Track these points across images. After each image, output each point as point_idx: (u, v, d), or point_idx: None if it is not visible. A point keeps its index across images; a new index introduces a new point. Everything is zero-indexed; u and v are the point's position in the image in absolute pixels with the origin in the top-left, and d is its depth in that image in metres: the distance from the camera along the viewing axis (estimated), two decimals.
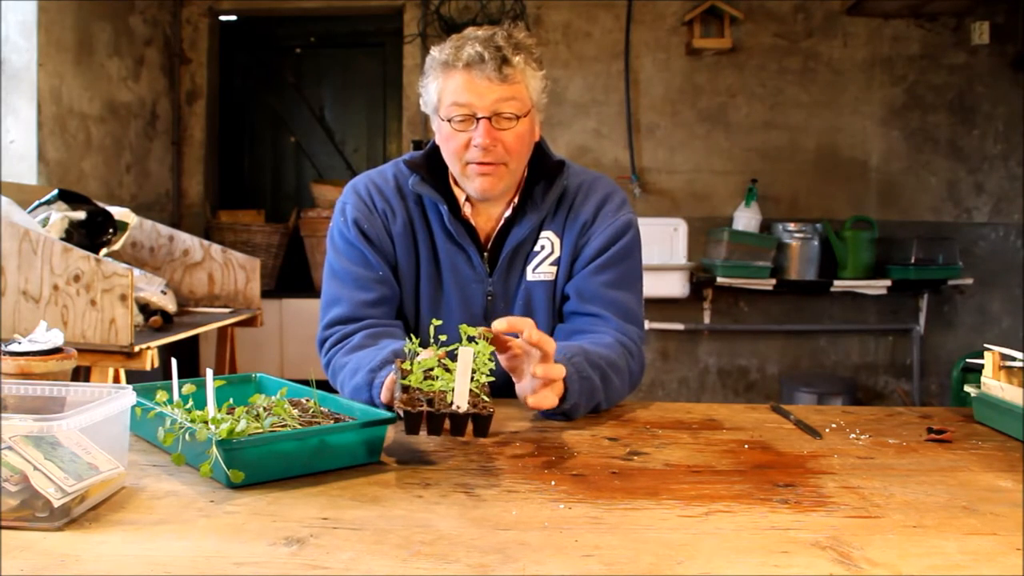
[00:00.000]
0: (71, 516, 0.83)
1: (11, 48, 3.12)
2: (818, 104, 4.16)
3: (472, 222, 1.49)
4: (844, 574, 0.74)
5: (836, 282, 3.93)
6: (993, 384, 1.29)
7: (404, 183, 1.50)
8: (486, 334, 1.12)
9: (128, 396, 0.94)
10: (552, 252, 1.50)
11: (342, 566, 0.74)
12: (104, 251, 2.44)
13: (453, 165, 1.44)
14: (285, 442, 0.97)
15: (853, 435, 1.23)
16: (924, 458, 1.12)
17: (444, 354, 1.13)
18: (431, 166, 1.49)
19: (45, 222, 2.31)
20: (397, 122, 4.49)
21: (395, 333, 1.44)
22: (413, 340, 1.17)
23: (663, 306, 4.07)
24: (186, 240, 2.96)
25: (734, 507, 0.91)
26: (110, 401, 0.90)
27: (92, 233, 2.39)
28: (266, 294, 3.61)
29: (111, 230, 2.46)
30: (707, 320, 4.17)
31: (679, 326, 4.14)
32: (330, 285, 1.50)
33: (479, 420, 1.01)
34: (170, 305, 2.55)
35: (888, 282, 3.93)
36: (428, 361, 1.11)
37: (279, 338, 3.95)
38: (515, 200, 1.49)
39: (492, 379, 1.11)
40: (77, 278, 2.09)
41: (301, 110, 4.67)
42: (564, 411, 1.26)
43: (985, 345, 1.34)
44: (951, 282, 3.96)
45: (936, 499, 0.95)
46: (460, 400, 1.00)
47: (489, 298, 1.49)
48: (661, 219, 4.03)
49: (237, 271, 2.96)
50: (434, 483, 0.98)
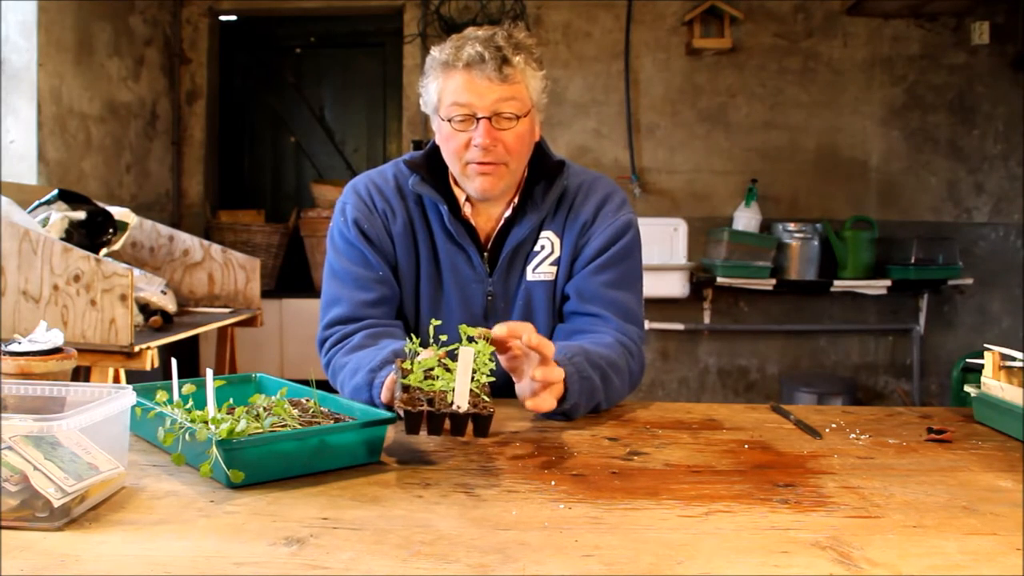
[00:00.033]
0: (71, 516, 0.83)
1: (11, 48, 3.12)
2: (818, 104, 4.16)
3: (472, 222, 1.49)
4: (844, 574, 0.74)
5: (836, 282, 3.93)
6: (993, 384, 1.29)
7: (404, 183, 1.50)
8: (486, 334, 1.12)
9: (128, 396, 0.94)
10: (552, 252, 1.50)
11: (342, 566, 0.74)
12: (104, 251, 2.44)
13: (453, 165, 1.44)
14: (285, 442, 0.97)
15: (853, 435, 1.23)
16: (924, 458, 1.12)
17: (444, 354, 1.13)
18: (431, 166, 1.49)
19: (45, 222, 2.31)
20: (397, 122, 4.49)
21: (395, 333, 1.44)
22: (413, 340, 1.17)
23: (663, 306, 4.07)
24: (186, 240, 2.96)
25: (734, 507, 0.91)
26: (110, 401, 0.90)
27: (92, 233, 2.39)
28: (266, 294, 3.61)
29: (111, 230, 2.46)
30: (707, 320, 4.18)
31: (679, 326, 4.14)
32: (330, 285, 1.50)
33: (479, 420, 1.01)
34: (170, 305, 2.55)
35: (888, 282, 3.93)
36: (429, 361, 1.11)
37: (279, 338, 3.95)
38: (515, 200, 1.49)
39: (493, 379, 1.11)
40: (77, 278, 2.09)
41: (301, 110, 4.67)
42: (564, 411, 1.26)
43: (985, 345, 1.34)
44: (951, 282, 3.96)
45: (936, 499, 0.95)
46: (461, 400, 1.00)
47: (489, 298, 1.49)
48: (661, 219, 4.03)
49: (237, 271, 2.96)
50: (434, 483, 0.98)
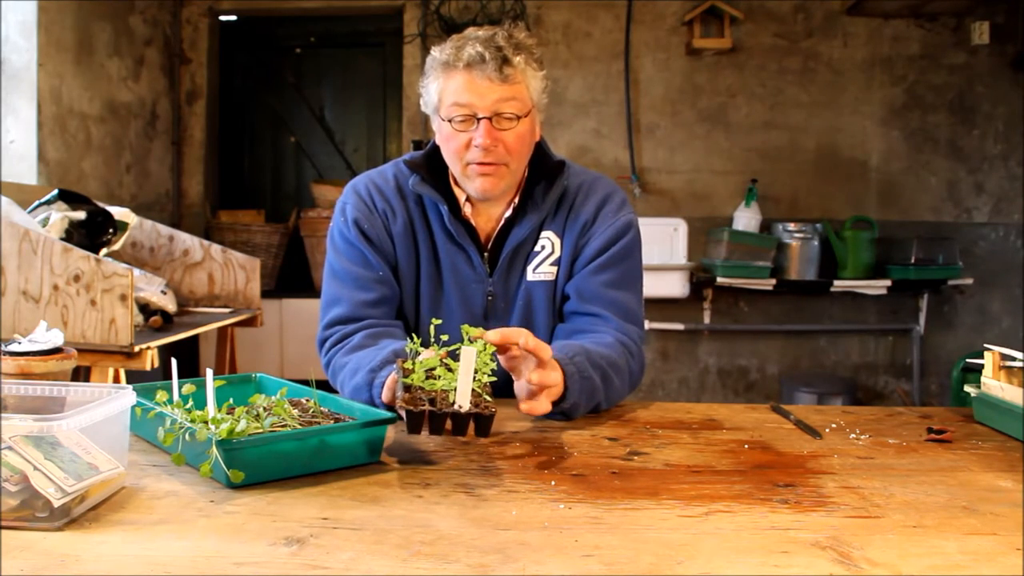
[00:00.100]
0: (71, 516, 0.83)
1: (11, 48, 3.12)
2: (818, 104, 4.16)
3: (472, 222, 1.49)
4: (844, 574, 0.74)
5: (836, 282, 3.93)
6: (993, 384, 1.29)
7: (404, 183, 1.50)
8: (479, 337, 1.12)
9: (128, 396, 0.94)
10: (552, 252, 1.50)
11: (342, 566, 0.74)
12: (104, 251, 2.44)
13: (454, 165, 1.44)
14: (285, 442, 0.97)
15: (853, 435, 1.23)
16: (924, 458, 1.12)
17: (446, 354, 1.13)
18: (431, 166, 1.49)
19: (45, 222, 2.31)
20: (397, 122, 4.49)
21: (395, 333, 1.44)
22: (414, 340, 1.17)
23: (663, 306, 4.07)
24: (186, 240, 2.96)
25: (734, 507, 0.91)
26: (110, 401, 0.90)
27: (92, 233, 2.39)
28: (266, 294, 3.61)
29: (111, 230, 2.46)
30: (707, 320, 4.18)
31: (679, 326, 4.14)
32: (330, 285, 1.50)
33: (481, 420, 1.01)
34: (170, 305, 2.55)
35: (888, 282, 3.93)
36: (430, 360, 1.11)
37: (279, 338, 3.95)
38: (515, 200, 1.49)
39: (494, 379, 1.11)
40: (77, 278, 2.09)
41: (301, 110, 4.67)
42: (564, 410, 1.26)
43: (985, 345, 1.34)
44: (951, 282, 3.96)
45: (936, 499, 0.95)
46: (462, 400, 1.00)
47: (489, 298, 1.49)
48: (661, 219, 4.03)
49: (237, 271, 2.96)
50: (434, 483, 0.98)
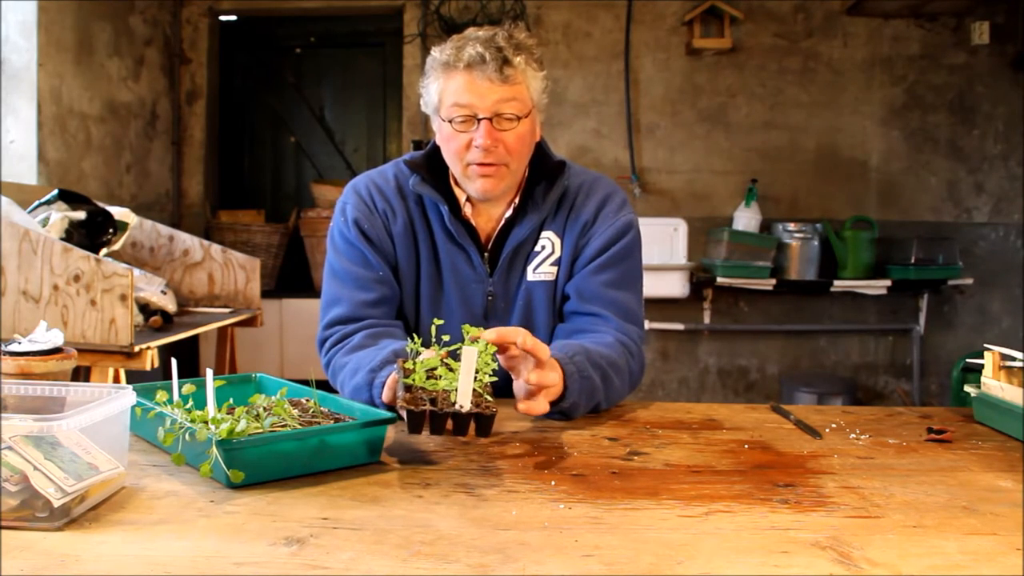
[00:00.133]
0: (71, 516, 0.83)
1: (11, 48, 3.12)
2: (818, 104, 4.16)
3: (472, 222, 1.49)
4: (844, 574, 0.74)
5: (836, 282, 3.93)
6: (993, 384, 1.29)
7: (405, 183, 1.50)
8: (476, 337, 1.12)
9: (128, 396, 0.94)
10: (553, 252, 1.50)
11: (342, 566, 0.74)
12: (104, 251, 2.44)
13: (454, 166, 1.44)
14: (285, 442, 0.97)
15: (853, 435, 1.23)
16: (924, 458, 1.12)
17: (446, 354, 1.13)
18: (432, 166, 1.49)
19: (45, 222, 2.31)
20: (397, 122, 4.49)
21: (395, 333, 1.44)
22: (415, 340, 1.17)
23: (663, 306, 4.07)
24: (186, 240, 2.96)
25: (734, 507, 0.91)
26: (110, 401, 0.90)
27: (92, 233, 2.39)
28: (266, 294, 3.61)
29: (111, 230, 2.46)
30: (707, 320, 4.18)
31: (679, 326, 4.14)
32: (330, 285, 1.50)
33: (482, 420, 1.01)
34: (170, 305, 2.55)
35: (888, 282, 3.93)
36: (431, 360, 1.11)
37: (279, 338, 3.95)
38: (516, 200, 1.49)
39: (495, 379, 1.11)
40: (77, 278, 2.09)
41: (301, 110, 4.67)
42: (563, 410, 1.26)
43: (985, 345, 1.34)
44: (951, 282, 3.96)
45: (936, 499, 0.95)
46: (463, 400, 1.00)
47: (489, 298, 1.49)
48: (661, 219, 4.03)
49: (237, 271, 2.96)
50: (434, 483, 0.98)
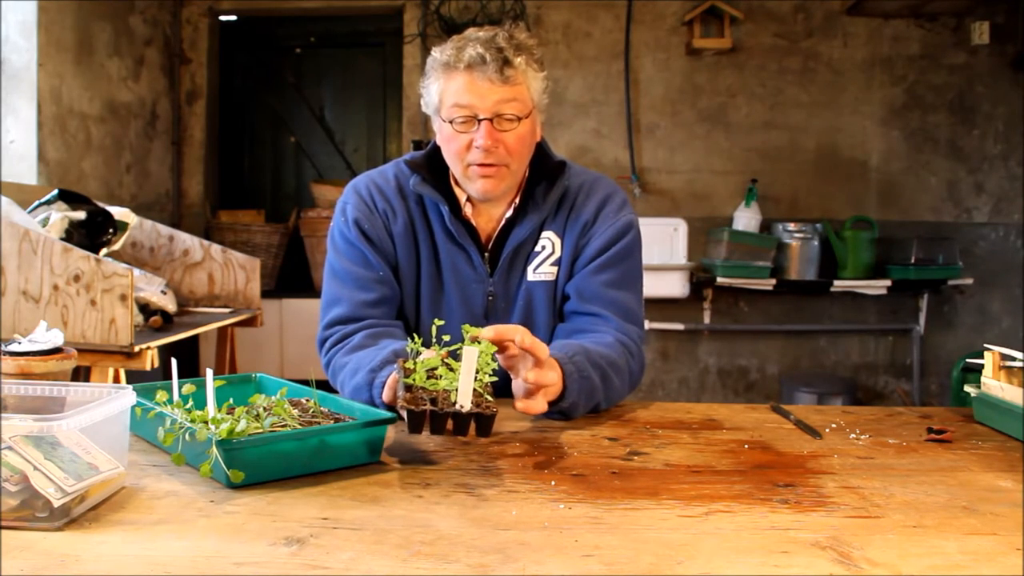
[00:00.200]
0: (71, 516, 0.83)
1: (11, 48, 3.12)
2: (818, 104, 4.16)
3: (473, 222, 1.49)
4: (844, 574, 0.74)
5: (836, 282, 3.93)
6: (993, 384, 1.29)
7: (405, 183, 1.50)
8: (475, 336, 1.12)
9: (128, 396, 0.94)
10: (553, 252, 1.50)
11: (342, 566, 0.74)
12: (104, 251, 2.44)
13: (455, 166, 1.44)
14: (285, 442, 0.97)
15: (853, 435, 1.23)
16: (924, 458, 1.12)
17: (447, 354, 1.13)
18: (432, 166, 1.49)
19: (45, 222, 2.31)
20: (397, 122, 4.49)
21: (395, 333, 1.44)
22: (415, 340, 1.17)
23: (663, 306, 4.07)
24: (186, 240, 2.96)
25: (734, 507, 0.91)
26: (110, 401, 0.90)
27: (92, 233, 2.39)
28: (266, 294, 3.61)
29: (111, 230, 2.46)
30: (707, 320, 4.18)
31: (679, 326, 4.14)
32: (330, 285, 1.50)
33: (482, 420, 1.01)
34: (170, 305, 2.55)
35: (888, 282, 3.93)
36: (432, 360, 1.11)
37: (279, 338, 3.95)
38: (516, 200, 1.49)
39: (495, 379, 1.11)
40: (77, 278, 2.09)
41: (301, 110, 4.67)
42: (563, 409, 1.26)
43: (985, 345, 1.34)
44: (951, 282, 3.96)
45: (936, 499, 0.95)
46: (464, 399, 1.00)
47: (490, 298, 1.49)
48: (661, 219, 4.03)
49: (237, 271, 2.96)
50: (434, 483, 0.98)
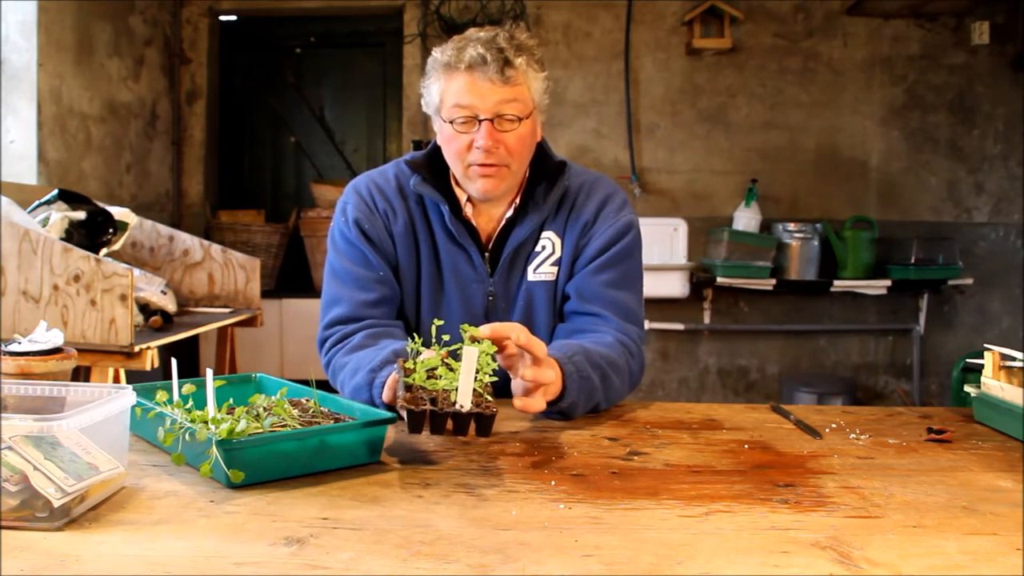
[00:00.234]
0: (71, 516, 0.83)
1: (11, 48, 3.12)
2: (818, 104, 4.16)
3: (473, 222, 1.49)
4: (844, 574, 0.74)
5: (836, 282, 3.93)
6: (993, 384, 1.29)
7: (405, 183, 1.50)
8: (475, 335, 1.12)
9: (128, 396, 0.94)
10: (553, 252, 1.50)
11: (342, 566, 0.74)
12: (104, 251, 2.44)
13: (455, 166, 1.44)
14: (285, 442, 0.97)
15: (853, 435, 1.23)
16: (924, 458, 1.12)
17: (447, 353, 1.13)
18: (432, 166, 1.49)
19: (45, 222, 2.31)
20: (397, 122, 4.49)
21: (395, 333, 1.44)
22: (415, 340, 1.17)
23: (663, 306, 4.07)
24: (186, 240, 2.96)
25: (734, 507, 0.91)
26: (110, 401, 0.90)
27: (92, 233, 2.39)
28: (266, 294, 3.61)
29: (111, 230, 2.46)
30: (707, 320, 4.18)
31: (679, 326, 4.14)
32: (330, 285, 1.50)
33: (482, 420, 1.01)
34: (170, 305, 2.55)
35: (888, 282, 3.93)
36: (432, 360, 1.11)
37: (279, 338, 3.95)
38: (517, 200, 1.49)
39: (495, 379, 1.11)
40: (77, 278, 2.09)
41: (301, 110, 4.67)
42: (562, 409, 1.25)
43: (985, 345, 1.34)
44: (951, 282, 3.96)
45: (936, 499, 0.95)
46: (464, 399, 1.00)
47: (490, 298, 1.49)
48: (661, 219, 4.03)
49: (237, 271, 2.96)
50: (434, 483, 0.98)
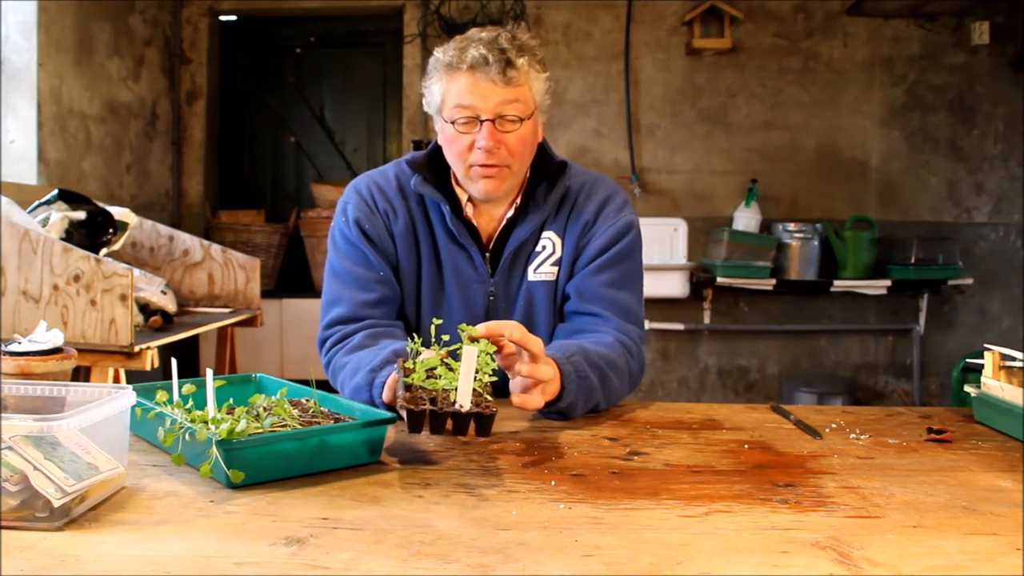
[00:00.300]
0: (71, 516, 0.83)
1: (11, 48, 3.12)
2: (818, 104, 4.16)
3: (474, 222, 1.49)
4: (844, 574, 0.74)
5: (836, 282, 3.93)
6: (993, 384, 1.29)
7: (406, 183, 1.50)
8: (472, 334, 1.12)
9: (128, 396, 0.94)
10: (554, 252, 1.50)
11: (342, 566, 0.74)
12: (104, 251, 2.44)
13: (456, 167, 1.44)
14: (285, 442, 0.97)
15: (853, 435, 1.23)
16: (924, 458, 1.12)
17: (446, 353, 1.13)
18: (433, 166, 1.49)
19: (45, 222, 2.31)
20: (397, 122, 4.49)
21: (395, 333, 1.44)
22: (415, 340, 1.17)
23: (663, 306, 4.07)
24: (186, 240, 2.96)
25: (734, 507, 0.91)
26: (110, 401, 0.90)
27: (92, 233, 2.39)
28: (266, 294, 3.61)
29: (111, 230, 2.46)
30: (707, 320, 4.17)
31: (679, 326, 4.14)
32: (331, 285, 1.50)
33: (482, 419, 1.01)
34: (170, 305, 2.55)
35: (888, 282, 3.93)
36: (431, 360, 1.11)
37: (279, 338, 3.95)
38: (517, 201, 1.49)
39: (495, 379, 1.11)
40: (77, 278, 2.09)
41: (301, 110, 4.67)
42: (561, 409, 1.25)
43: (985, 345, 1.34)
44: (951, 282, 3.96)
45: (936, 499, 0.95)
46: (463, 399, 1.00)
47: (491, 298, 1.49)
48: (661, 219, 4.03)
49: (237, 271, 2.96)
50: (434, 483, 0.98)
